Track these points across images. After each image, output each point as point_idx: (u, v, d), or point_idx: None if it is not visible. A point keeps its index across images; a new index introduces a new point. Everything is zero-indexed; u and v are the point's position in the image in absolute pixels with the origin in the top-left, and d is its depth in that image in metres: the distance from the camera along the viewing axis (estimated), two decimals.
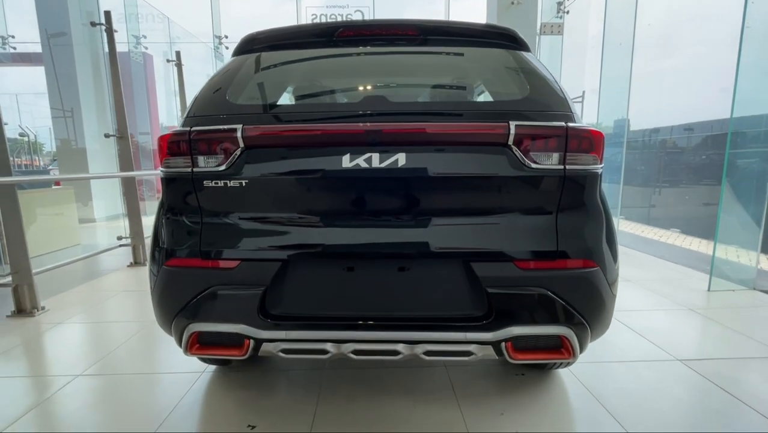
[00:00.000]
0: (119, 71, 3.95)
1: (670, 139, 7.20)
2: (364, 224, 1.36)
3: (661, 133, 7.23)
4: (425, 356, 1.34)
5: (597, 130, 1.31)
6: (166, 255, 1.40)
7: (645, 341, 2.23)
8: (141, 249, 4.09)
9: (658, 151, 7.17)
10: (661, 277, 3.43)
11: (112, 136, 4.05)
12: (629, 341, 2.24)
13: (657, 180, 6.97)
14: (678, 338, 2.27)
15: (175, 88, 5.89)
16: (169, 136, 1.37)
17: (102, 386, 1.89)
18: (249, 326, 1.34)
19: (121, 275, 3.75)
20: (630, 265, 3.81)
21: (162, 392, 1.82)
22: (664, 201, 6.87)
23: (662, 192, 6.90)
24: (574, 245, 1.32)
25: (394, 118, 1.34)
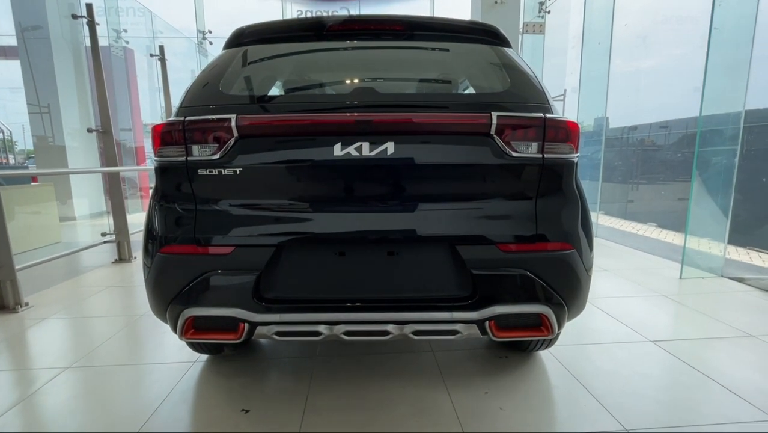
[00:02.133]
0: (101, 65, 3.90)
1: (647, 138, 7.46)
2: (355, 210, 1.41)
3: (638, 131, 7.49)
4: (414, 335, 1.41)
5: (573, 122, 1.40)
6: (161, 242, 1.43)
7: (620, 325, 2.35)
8: (126, 245, 4.06)
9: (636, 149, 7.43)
10: (637, 266, 3.59)
11: (95, 131, 3.99)
12: (606, 325, 2.36)
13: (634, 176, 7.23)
14: (651, 321, 2.40)
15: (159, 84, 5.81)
16: (163, 125, 1.40)
17: (92, 377, 1.90)
18: (244, 309, 1.38)
19: (105, 271, 3.72)
20: (608, 256, 3.97)
21: (154, 381, 1.84)
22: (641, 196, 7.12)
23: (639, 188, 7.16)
24: (552, 228, 1.41)
25: (383, 109, 1.40)
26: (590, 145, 6.71)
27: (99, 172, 6.63)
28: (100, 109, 3.94)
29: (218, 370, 1.92)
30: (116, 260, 4.01)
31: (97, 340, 2.26)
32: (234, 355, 2.04)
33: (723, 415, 1.54)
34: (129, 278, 3.52)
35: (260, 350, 2.11)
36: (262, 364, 1.98)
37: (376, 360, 1.97)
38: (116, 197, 4.08)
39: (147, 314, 2.58)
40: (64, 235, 5.40)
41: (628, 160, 7.38)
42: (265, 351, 2.11)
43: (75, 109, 7.00)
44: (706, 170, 3.27)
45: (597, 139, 6.12)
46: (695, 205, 3.27)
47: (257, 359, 2.03)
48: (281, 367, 1.96)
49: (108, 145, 3.98)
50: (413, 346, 2.09)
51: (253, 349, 2.12)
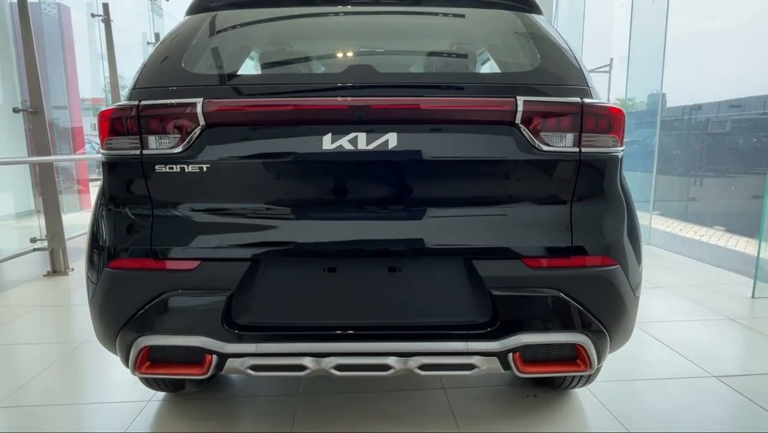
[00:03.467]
0: (31, 27, 3.92)
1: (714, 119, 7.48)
2: (349, 216, 1.44)
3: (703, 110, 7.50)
4: (420, 370, 1.43)
5: (616, 108, 1.43)
6: (110, 255, 1.45)
7: (677, 356, 2.38)
8: (61, 254, 4.08)
9: (700, 133, 7.45)
10: (699, 282, 3.63)
11: (22, 111, 4.02)
12: (659, 357, 2.39)
13: (698, 168, 7.26)
14: (715, 352, 2.43)
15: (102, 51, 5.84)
16: (113, 111, 1.42)
17: (19, 420, 1.93)
18: (211, 338, 1.41)
19: (35, 286, 3.74)
20: (663, 269, 4.00)
21: (98, 426, 1.88)
22: (706, 193, 7.15)
23: (704, 182, 7.19)
24: (591, 239, 1.44)
25: (383, 92, 1.42)
26: (642, 129, 6.74)
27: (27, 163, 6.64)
28: (29, 83, 3.96)
29: (178, 411, 1.94)
30: (49, 273, 4.04)
31: (25, 374, 2.29)
32: (198, 393, 2.07)
33: None
34: (65, 295, 3.54)
35: (230, 387, 2.14)
36: (232, 405, 2.01)
37: (373, 401, 1.99)
38: (49, 193, 4.11)
39: (88, 342, 2.60)
40: None
41: (689, 148, 7.41)
42: (236, 389, 2.14)
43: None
44: None
45: (651, 121, 6.14)
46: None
47: (226, 398, 2.05)
48: (256, 409, 1.99)
49: (39, 127, 4.00)
50: (420, 384, 2.11)
51: (222, 386, 2.14)
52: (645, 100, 7.07)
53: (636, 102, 7.95)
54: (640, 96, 7.22)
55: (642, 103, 7.58)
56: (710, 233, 5.89)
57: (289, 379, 2.16)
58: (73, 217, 6.51)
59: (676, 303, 3.18)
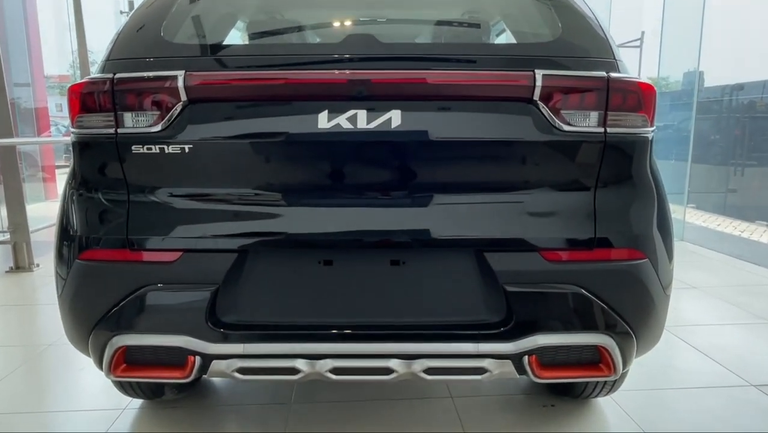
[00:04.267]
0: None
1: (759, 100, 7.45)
2: (347, 204, 1.45)
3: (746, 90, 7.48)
4: (426, 375, 1.44)
5: (647, 83, 1.43)
6: (81, 246, 1.47)
7: (712, 363, 2.40)
8: (25, 249, 4.10)
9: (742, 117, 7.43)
10: (739, 282, 3.63)
11: None
12: (692, 363, 2.40)
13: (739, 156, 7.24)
14: (755, 359, 2.45)
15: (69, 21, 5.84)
16: (84, 85, 1.43)
17: None
18: (194, 337, 1.42)
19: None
20: (698, 267, 4.01)
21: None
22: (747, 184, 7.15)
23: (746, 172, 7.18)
24: (617, 230, 1.45)
25: (386, 65, 1.42)
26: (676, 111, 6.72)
27: None
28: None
29: (157, 420, 1.97)
30: (11, 269, 4.06)
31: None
32: (179, 400, 2.09)
33: None
34: (30, 293, 3.57)
35: (214, 394, 2.16)
36: (216, 413, 2.03)
37: (373, 409, 2.01)
38: (11, 181, 4.12)
39: (56, 344, 2.62)
40: None
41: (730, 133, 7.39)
42: (222, 396, 2.16)
43: None
44: None
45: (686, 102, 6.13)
46: None
47: (210, 406, 2.08)
48: (243, 418, 2.01)
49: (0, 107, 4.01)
50: (425, 391, 2.13)
51: (206, 392, 2.17)
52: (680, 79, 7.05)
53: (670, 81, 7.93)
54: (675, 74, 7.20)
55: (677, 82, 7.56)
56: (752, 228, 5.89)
57: (280, 384, 2.18)
58: (38, 207, 6.53)
59: (712, 305, 3.19)
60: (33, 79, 8.31)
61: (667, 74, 7.73)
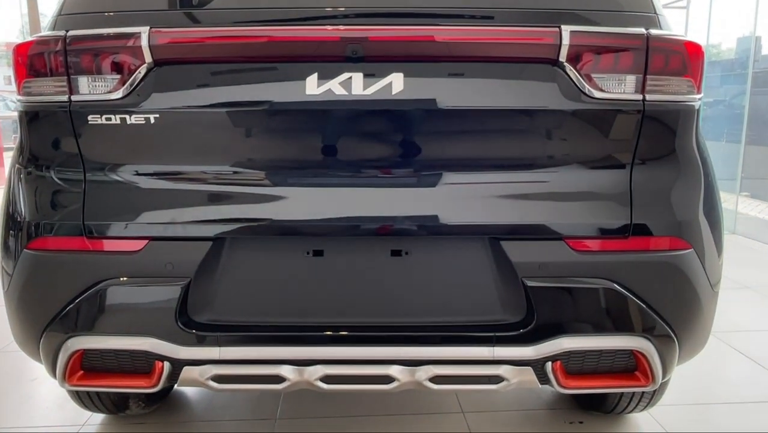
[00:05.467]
0: None
1: None
2: (340, 184, 1.45)
3: None
4: (432, 384, 1.44)
5: (693, 42, 1.42)
6: (29, 234, 1.47)
7: (766, 374, 2.40)
8: None
9: None
10: None
11: None
12: (743, 374, 2.42)
13: None
14: None
15: None
16: (31, 44, 1.43)
17: None
18: (162, 340, 1.42)
19: None
20: (752, 264, 4.02)
21: None
22: None
23: None
24: (656, 215, 1.44)
25: (385, 21, 1.42)
26: (729, 84, 6.70)
27: None
28: None
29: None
30: None
31: None
32: (146, 415, 2.10)
33: None
34: None
35: (187, 407, 2.18)
36: (190, 430, 2.04)
37: (370, 426, 2.02)
38: None
39: (5, 351, 2.64)
40: None
41: None
42: (195, 409, 2.18)
43: None
44: None
45: (740, 73, 6.10)
46: None
47: (182, 421, 2.09)
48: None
49: None
50: (432, 405, 2.14)
51: (176, 405, 2.18)
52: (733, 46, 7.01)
53: (721, 49, 7.89)
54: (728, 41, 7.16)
55: (729, 50, 7.53)
56: None
57: (263, 396, 2.19)
58: None
59: (766, 307, 3.19)
60: None
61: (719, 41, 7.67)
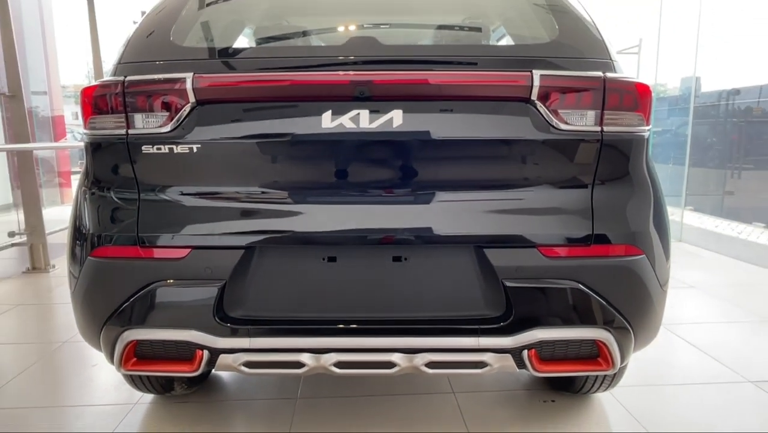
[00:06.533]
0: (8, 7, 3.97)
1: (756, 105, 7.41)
2: (350, 201, 1.45)
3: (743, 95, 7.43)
4: (427, 368, 1.44)
5: (643, 83, 1.43)
6: (93, 244, 1.48)
7: (710, 360, 2.38)
8: (41, 250, 4.13)
9: (739, 121, 7.38)
10: (736, 282, 3.61)
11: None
12: (690, 360, 2.39)
13: (736, 159, 7.20)
14: (752, 356, 2.43)
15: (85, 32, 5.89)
16: (96, 88, 1.44)
17: (1, 423, 1.96)
18: (202, 332, 1.43)
19: (14, 284, 3.79)
20: (696, 267, 3.99)
21: (82, 428, 1.90)
22: (744, 186, 7.09)
23: (743, 175, 7.13)
24: (614, 226, 1.44)
25: (388, 66, 1.43)
26: (675, 116, 6.70)
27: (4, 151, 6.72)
28: (7, 67, 4.00)
29: (167, 415, 1.97)
30: (28, 270, 4.09)
31: (4, 375, 2.32)
32: (188, 395, 2.09)
33: None
34: (46, 293, 3.59)
35: (222, 389, 2.17)
36: (225, 408, 2.03)
37: (377, 404, 2.01)
38: (28, 185, 4.16)
39: (70, 342, 2.64)
40: None
41: (727, 137, 7.35)
42: (230, 390, 2.16)
43: None
44: None
45: (683, 107, 6.11)
46: None
47: (219, 401, 2.08)
48: (251, 412, 2.01)
49: (17, 114, 4.05)
50: (427, 385, 2.13)
51: (213, 387, 2.17)
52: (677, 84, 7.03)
53: (668, 87, 7.90)
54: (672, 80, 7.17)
55: (674, 88, 7.53)
56: (748, 229, 5.84)
57: (286, 380, 2.19)
58: (54, 211, 6.58)
59: (710, 304, 3.17)
60: (50, 88, 8.37)
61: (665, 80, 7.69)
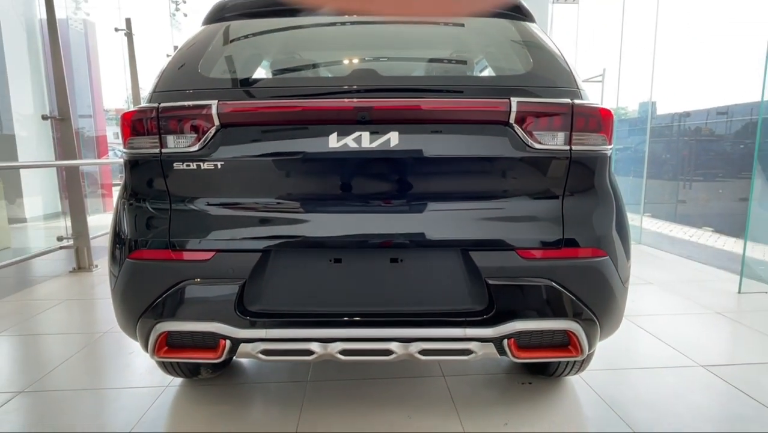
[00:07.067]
0: (59, 41, 3.98)
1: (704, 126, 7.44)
2: (353, 210, 1.46)
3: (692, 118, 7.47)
4: (420, 355, 1.44)
5: (605, 108, 1.44)
6: (130, 247, 1.48)
7: (666, 347, 2.37)
8: (86, 252, 4.13)
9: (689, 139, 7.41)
10: (688, 278, 3.61)
11: (50, 118, 4.08)
12: (649, 348, 2.38)
13: (687, 172, 7.22)
14: (702, 343, 2.42)
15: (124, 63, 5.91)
16: (134, 113, 1.45)
17: (48, 403, 1.95)
18: (225, 324, 1.43)
19: (62, 281, 3.79)
20: (653, 266, 3.99)
21: (120, 408, 1.90)
22: (694, 196, 7.11)
23: (693, 186, 7.15)
24: (581, 232, 1.45)
25: (386, 94, 1.44)
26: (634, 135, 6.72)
27: (55, 167, 6.73)
28: (57, 93, 4.02)
29: (194, 396, 1.96)
30: (74, 269, 4.08)
31: (53, 361, 2.32)
32: (213, 378, 2.09)
33: None
34: (89, 289, 3.58)
35: (243, 373, 2.16)
36: (244, 389, 2.02)
37: (377, 386, 2.01)
38: (75, 196, 4.16)
39: (110, 332, 2.64)
40: (14, 239, 5.49)
41: (679, 153, 7.38)
42: (249, 374, 2.15)
43: (27, 92, 7.12)
44: None
45: (641, 128, 6.13)
46: (757, 206, 3.29)
47: (239, 383, 2.07)
48: (267, 393, 2.00)
49: (65, 134, 4.06)
50: (421, 369, 2.12)
51: (235, 371, 2.16)
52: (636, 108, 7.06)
53: (628, 110, 7.93)
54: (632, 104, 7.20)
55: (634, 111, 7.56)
56: (699, 233, 5.85)
57: (298, 365, 2.18)
58: (97, 218, 6.57)
59: (666, 298, 3.17)
60: (94, 111, 8.39)
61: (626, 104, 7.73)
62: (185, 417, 1.82)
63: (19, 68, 7.00)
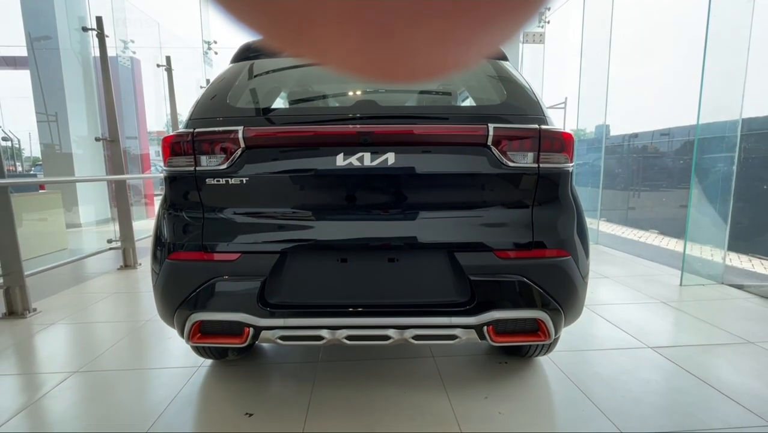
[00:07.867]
0: (110, 75, 3.99)
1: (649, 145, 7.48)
2: (356, 218, 1.46)
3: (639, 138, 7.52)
4: (414, 340, 1.44)
5: (567, 132, 1.45)
6: (170, 250, 1.48)
7: (620, 331, 2.37)
8: (131, 252, 4.11)
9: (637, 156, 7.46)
10: (637, 273, 3.60)
11: (102, 139, 4.08)
12: (606, 332, 2.38)
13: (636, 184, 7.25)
14: (650, 328, 2.42)
15: (164, 93, 5.92)
16: (173, 137, 1.45)
17: (98, 381, 1.94)
18: (249, 314, 1.42)
19: (111, 277, 3.77)
20: (609, 263, 3.99)
21: (160, 385, 1.88)
22: (642, 203, 7.14)
23: (641, 195, 7.18)
24: (548, 236, 1.45)
25: (384, 121, 1.45)
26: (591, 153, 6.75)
27: (106, 181, 6.72)
28: (108, 119, 4.02)
29: (222, 374, 1.95)
30: (121, 267, 4.06)
31: (103, 345, 2.31)
32: (238, 359, 2.08)
33: (721, 420, 1.56)
34: (134, 284, 3.57)
35: (264, 355, 2.15)
36: (265, 368, 2.01)
37: (377, 365, 2.00)
38: (122, 205, 4.15)
39: (151, 320, 2.62)
40: (71, 242, 5.46)
41: (629, 168, 7.41)
42: (269, 356, 2.14)
43: (82, 117, 7.12)
44: (706, 178, 3.30)
45: (598, 146, 6.16)
46: (695, 212, 3.29)
47: (261, 363, 2.06)
48: (284, 371, 1.99)
49: (115, 153, 4.06)
50: (414, 351, 2.12)
51: (257, 354, 2.15)
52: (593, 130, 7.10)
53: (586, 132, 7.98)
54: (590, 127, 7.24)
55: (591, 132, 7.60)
56: (646, 235, 5.86)
57: (310, 348, 2.17)
58: (141, 223, 6.56)
59: (619, 290, 3.17)
60: (139, 134, 8.40)
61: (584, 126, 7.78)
62: (215, 392, 1.81)
63: (76, 98, 7.01)
